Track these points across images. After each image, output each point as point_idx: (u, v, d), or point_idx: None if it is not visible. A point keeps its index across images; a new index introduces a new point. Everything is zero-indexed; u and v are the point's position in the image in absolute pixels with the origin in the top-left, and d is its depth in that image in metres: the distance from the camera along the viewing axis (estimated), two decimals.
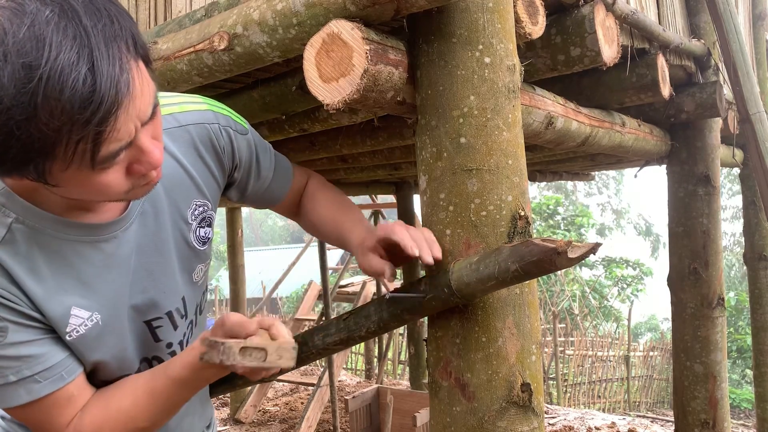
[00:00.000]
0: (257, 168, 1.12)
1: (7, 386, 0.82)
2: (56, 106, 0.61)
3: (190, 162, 0.99)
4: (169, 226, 0.97)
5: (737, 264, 16.47)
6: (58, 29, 0.61)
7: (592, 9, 1.47)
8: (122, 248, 0.90)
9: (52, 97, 0.60)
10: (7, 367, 0.81)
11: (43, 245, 0.82)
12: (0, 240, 0.79)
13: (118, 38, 0.65)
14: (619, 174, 23.63)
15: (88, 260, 0.87)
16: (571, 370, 9.34)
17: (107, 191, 0.74)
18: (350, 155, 3.05)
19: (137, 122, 0.70)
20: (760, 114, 2.35)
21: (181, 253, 1.00)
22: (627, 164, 3.60)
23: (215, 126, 1.02)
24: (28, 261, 0.81)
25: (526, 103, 1.43)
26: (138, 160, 0.74)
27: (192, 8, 1.53)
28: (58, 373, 0.85)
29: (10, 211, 0.80)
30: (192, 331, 1.08)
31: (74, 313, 0.86)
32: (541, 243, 0.83)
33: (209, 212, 1.04)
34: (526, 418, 1.02)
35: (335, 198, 1.21)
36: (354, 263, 8.28)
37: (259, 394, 5.92)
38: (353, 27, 0.98)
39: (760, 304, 3.79)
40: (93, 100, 0.62)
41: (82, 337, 0.87)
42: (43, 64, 0.60)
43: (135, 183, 0.77)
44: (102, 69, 0.63)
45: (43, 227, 0.82)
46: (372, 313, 1.05)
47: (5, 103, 0.60)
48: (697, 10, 2.43)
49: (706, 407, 2.40)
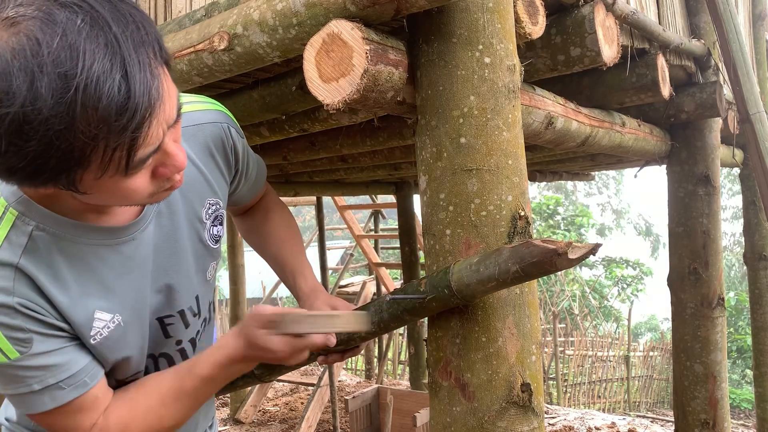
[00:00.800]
0: (248, 171, 1.14)
1: (32, 394, 0.82)
2: (93, 114, 0.61)
3: (203, 161, 1.00)
4: (185, 225, 0.98)
5: (737, 264, 16.47)
6: (90, 38, 0.61)
7: (592, 9, 1.47)
8: (140, 249, 0.91)
9: (90, 105, 0.60)
10: (31, 377, 0.81)
11: (64, 251, 0.82)
12: (23, 249, 0.79)
13: (146, 44, 0.65)
14: (619, 174, 23.62)
15: (108, 263, 0.87)
16: (571, 370, 9.34)
17: (133, 196, 0.74)
18: (350, 155, 3.05)
19: (165, 126, 0.70)
20: (760, 114, 2.35)
21: (196, 252, 1.01)
22: (627, 164, 3.60)
23: (225, 126, 1.03)
24: (51, 268, 0.81)
25: (526, 103, 1.43)
26: (164, 164, 0.75)
27: (192, 8, 1.53)
28: (81, 379, 0.85)
29: (30, 219, 0.80)
30: (205, 328, 1.09)
31: (97, 317, 0.86)
32: (541, 244, 0.83)
33: (221, 210, 1.06)
34: (526, 418, 1.02)
35: (288, 223, 1.27)
36: (354, 263, 8.28)
37: (259, 394, 5.91)
38: (353, 27, 0.98)
39: (760, 304, 3.79)
40: (128, 107, 0.62)
41: (106, 339, 0.88)
42: (79, 73, 0.60)
43: (159, 186, 0.77)
44: (135, 76, 0.63)
45: (63, 233, 0.82)
46: (372, 313, 1.05)
47: (44, 113, 0.59)
48: (697, 10, 2.43)
49: (706, 407, 2.40)
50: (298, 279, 1.18)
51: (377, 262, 6.81)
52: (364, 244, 6.85)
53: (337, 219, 20.77)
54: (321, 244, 5.22)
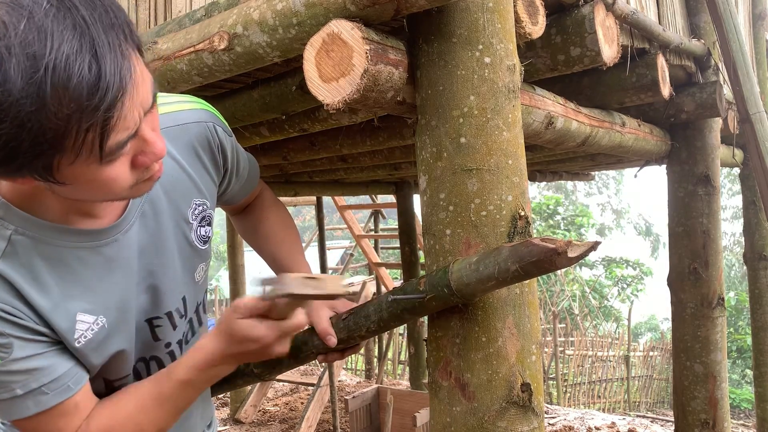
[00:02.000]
0: (238, 169, 1.14)
1: (15, 399, 0.82)
2: (64, 94, 0.61)
3: (188, 162, 1.00)
4: (170, 226, 0.98)
5: (737, 264, 16.47)
6: (57, 19, 0.61)
7: (592, 9, 1.47)
8: (123, 251, 0.90)
9: (60, 85, 0.60)
10: (14, 381, 0.81)
11: (44, 254, 0.82)
12: (1, 253, 0.79)
13: (115, 27, 0.65)
14: (619, 174, 23.63)
15: (90, 265, 0.86)
16: (571, 370, 9.34)
17: (113, 186, 0.73)
18: (350, 155, 3.05)
19: (141, 110, 0.70)
20: (760, 114, 2.35)
21: (183, 253, 1.00)
22: (627, 164, 3.60)
23: (211, 125, 1.03)
24: (30, 272, 0.81)
25: (526, 103, 1.43)
26: (142, 152, 0.74)
27: (192, 8, 1.53)
28: (65, 384, 0.85)
29: (8, 223, 0.79)
30: (192, 329, 1.08)
31: (80, 319, 0.85)
32: (541, 243, 0.83)
33: (208, 211, 1.05)
34: (526, 418, 1.02)
35: (285, 222, 1.28)
36: (354, 263, 8.28)
37: (259, 394, 5.91)
38: (353, 27, 0.98)
39: (760, 304, 3.79)
40: (100, 86, 0.62)
41: (89, 342, 0.87)
42: (48, 53, 0.60)
43: (139, 177, 0.77)
44: (105, 56, 0.63)
45: (42, 236, 0.81)
46: (372, 312, 1.05)
47: (14, 95, 0.59)
48: (697, 10, 2.43)
49: (706, 407, 2.40)
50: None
51: (377, 262, 6.82)
52: (364, 244, 6.86)
53: (337, 219, 20.79)
54: (321, 244, 5.22)
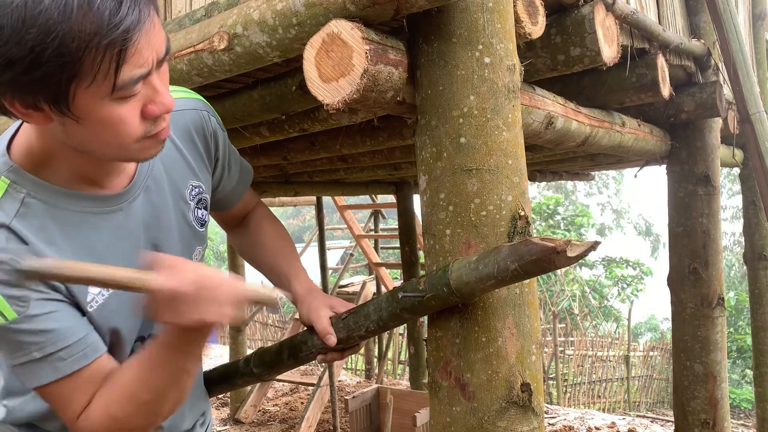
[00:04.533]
0: (230, 164, 1.16)
1: (33, 363, 0.83)
2: (88, 12, 0.67)
3: (185, 145, 1.04)
4: (171, 203, 1.01)
5: (737, 264, 16.46)
6: None
7: (592, 9, 1.47)
8: (130, 220, 0.94)
9: (85, 3, 0.67)
10: (31, 343, 0.82)
11: (56, 218, 0.85)
12: (15, 213, 0.82)
13: None
14: (619, 174, 23.61)
15: (99, 231, 0.90)
16: (571, 370, 9.34)
17: (122, 131, 0.77)
18: (350, 155, 3.05)
19: (154, 56, 0.75)
20: (760, 114, 2.36)
21: (182, 232, 1.04)
22: (627, 164, 3.60)
23: (205, 113, 1.07)
24: (43, 233, 0.84)
25: (526, 103, 1.43)
26: (152, 101, 0.78)
27: (192, 8, 1.53)
28: (81, 351, 0.86)
29: (21, 187, 0.83)
30: None
31: None
32: (540, 242, 0.83)
33: (204, 194, 1.09)
34: (526, 418, 1.02)
35: (282, 233, 1.29)
36: (354, 263, 8.28)
37: (259, 394, 5.91)
38: (353, 27, 0.98)
39: (760, 304, 3.79)
40: (120, 13, 0.69)
41: (102, 307, 0.90)
42: None
43: (146, 130, 0.80)
44: None
45: (53, 201, 0.85)
46: (371, 312, 1.05)
47: (45, 3, 0.66)
48: (697, 10, 2.42)
49: (706, 407, 2.40)
50: (293, 282, 1.20)
51: (377, 262, 6.81)
52: (364, 244, 6.85)
53: (337, 219, 20.77)
54: (321, 244, 5.22)
